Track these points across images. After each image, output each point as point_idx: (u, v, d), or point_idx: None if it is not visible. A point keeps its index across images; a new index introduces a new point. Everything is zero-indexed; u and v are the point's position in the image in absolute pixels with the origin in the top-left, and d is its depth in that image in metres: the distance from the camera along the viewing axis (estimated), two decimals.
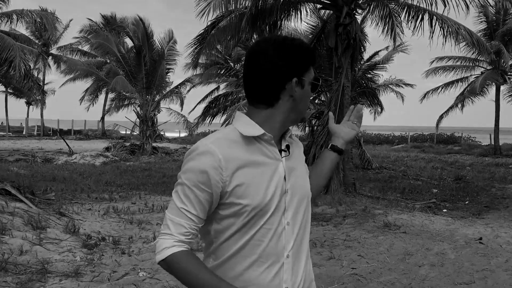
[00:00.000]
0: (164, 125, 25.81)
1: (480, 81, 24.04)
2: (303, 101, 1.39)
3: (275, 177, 1.33)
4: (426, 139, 38.02)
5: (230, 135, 1.33)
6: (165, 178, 12.78)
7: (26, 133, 39.58)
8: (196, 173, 1.27)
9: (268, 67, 1.32)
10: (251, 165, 1.30)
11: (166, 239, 1.29)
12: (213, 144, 1.29)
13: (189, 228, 1.29)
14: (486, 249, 6.22)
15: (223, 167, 1.26)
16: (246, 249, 1.31)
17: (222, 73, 25.23)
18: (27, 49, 19.41)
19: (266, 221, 1.31)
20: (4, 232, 5.61)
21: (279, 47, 1.33)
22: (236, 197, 1.28)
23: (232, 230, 1.31)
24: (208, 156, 1.27)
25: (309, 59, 1.38)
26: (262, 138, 1.33)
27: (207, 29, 12.04)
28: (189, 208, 1.29)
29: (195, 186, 1.27)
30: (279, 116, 1.36)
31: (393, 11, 11.66)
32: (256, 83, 1.35)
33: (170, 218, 1.30)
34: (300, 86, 1.35)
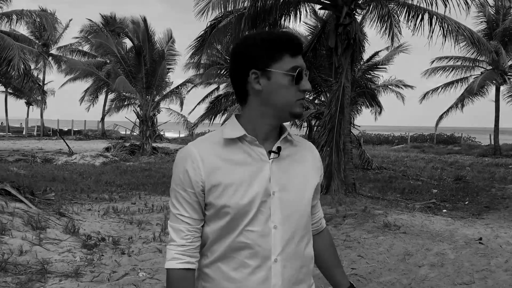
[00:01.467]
0: (164, 125, 25.82)
1: (479, 81, 24.06)
2: (274, 94, 1.30)
3: (258, 178, 1.31)
4: (426, 139, 38.03)
5: (214, 137, 1.36)
6: (165, 178, 12.77)
7: (26, 133, 39.58)
8: (179, 175, 1.32)
9: (232, 64, 1.34)
10: (229, 166, 1.30)
11: (170, 249, 1.34)
12: (193, 146, 1.33)
13: (187, 231, 1.32)
14: (486, 249, 6.22)
15: (201, 167, 1.29)
16: (231, 250, 1.31)
17: (222, 73, 25.23)
18: (27, 49, 19.40)
19: (248, 222, 1.29)
20: (4, 232, 5.61)
21: (246, 42, 1.33)
22: (214, 197, 1.29)
23: (217, 231, 1.32)
24: (187, 158, 1.31)
25: (280, 48, 1.29)
26: (245, 139, 1.33)
27: (207, 30, 12.05)
28: (181, 211, 1.33)
29: (181, 189, 1.32)
30: (254, 112, 1.34)
31: (392, 11, 11.67)
32: (232, 82, 1.37)
33: (171, 226, 1.35)
34: (266, 77, 1.29)
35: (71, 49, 36.76)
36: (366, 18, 13.77)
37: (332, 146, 10.44)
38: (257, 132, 1.34)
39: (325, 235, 1.63)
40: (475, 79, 25.51)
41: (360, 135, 32.51)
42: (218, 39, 12.40)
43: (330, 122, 10.59)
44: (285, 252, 1.34)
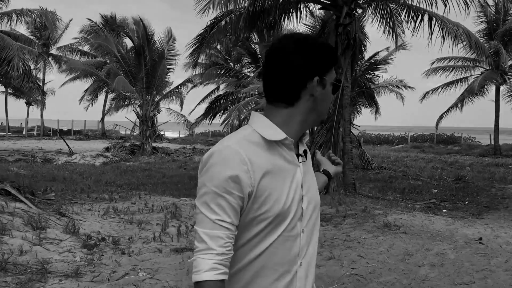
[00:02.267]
0: (164, 125, 25.82)
1: (479, 81, 24.06)
2: (324, 102, 1.33)
3: (293, 183, 1.29)
4: (426, 139, 38.04)
5: (251, 137, 1.27)
6: (165, 178, 12.78)
7: (26, 133, 39.58)
8: (226, 178, 1.20)
9: (290, 64, 1.28)
10: (274, 171, 1.26)
11: (205, 258, 1.20)
12: (238, 146, 1.23)
13: (227, 238, 1.22)
14: (486, 249, 6.22)
15: (251, 170, 1.21)
16: (262, 256, 1.26)
17: (222, 73, 25.26)
18: (27, 49, 19.41)
19: (285, 228, 1.27)
20: (4, 232, 5.61)
21: (302, 45, 1.29)
22: (258, 203, 1.23)
23: (249, 237, 1.26)
24: (235, 159, 1.21)
25: (332, 59, 1.33)
26: (283, 142, 1.28)
27: (207, 29, 12.04)
28: (223, 217, 1.21)
29: (226, 193, 1.20)
30: (298, 117, 1.31)
31: (393, 11, 11.67)
32: (277, 80, 1.29)
33: (205, 233, 1.21)
34: (322, 86, 1.30)
35: (71, 49, 36.77)
36: (367, 18, 13.77)
37: (330, 146, 10.45)
38: (291, 135, 1.31)
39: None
40: (475, 79, 25.51)
41: (360, 135, 32.51)
42: (218, 39, 12.40)
43: (329, 122, 10.60)
44: (308, 255, 1.34)
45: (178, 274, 4.87)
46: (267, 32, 12.48)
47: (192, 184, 11.89)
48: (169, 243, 6.13)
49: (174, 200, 9.31)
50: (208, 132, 43.88)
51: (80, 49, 36.32)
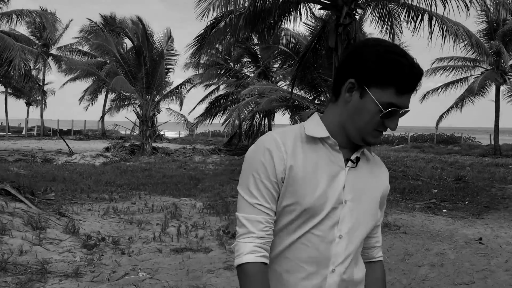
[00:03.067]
0: (164, 125, 25.81)
1: (480, 81, 24.04)
2: (358, 114, 1.23)
3: (333, 183, 1.26)
4: (426, 139, 38.05)
5: (295, 130, 1.30)
6: (165, 178, 12.77)
7: (25, 133, 39.57)
8: (262, 161, 1.23)
9: (344, 58, 1.28)
10: (310, 164, 1.25)
11: (246, 242, 1.22)
12: (278, 135, 1.27)
13: (266, 223, 1.23)
14: (486, 249, 6.22)
15: (284, 159, 1.23)
16: (290, 250, 1.26)
17: (222, 73, 25.27)
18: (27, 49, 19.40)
19: (315, 226, 1.24)
20: (4, 232, 5.61)
21: (369, 46, 1.23)
22: (289, 192, 1.24)
23: (280, 225, 1.27)
24: (272, 145, 1.24)
25: (391, 77, 1.18)
26: (326, 141, 1.28)
27: (207, 30, 12.05)
28: (262, 201, 1.23)
29: (265, 177, 1.23)
30: (338, 118, 1.28)
31: (392, 11, 11.67)
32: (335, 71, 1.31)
33: (246, 217, 1.24)
34: (359, 94, 1.22)
35: (71, 49, 36.78)
36: (366, 18, 13.78)
37: None
38: (337, 137, 1.28)
39: (378, 268, 1.49)
40: (476, 79, 25.50)
41: None
42: (218, 39, 12.39)
43: None
44: (345, 264, 1.29)
45: (178, 274, 4.87)
46: (267, 32, 12.47)
47: (192, 184, 11.89)
48: (169, 243, 6.13)
49: (174, 200, 9.31)
50: (208, 132, 43.90)
51: (80, 49, 36.33)
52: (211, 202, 9.17)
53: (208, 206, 8.72)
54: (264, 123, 24.74)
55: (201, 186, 11.74)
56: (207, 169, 16.25)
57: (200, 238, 6.40)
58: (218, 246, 6.01)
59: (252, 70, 25.36)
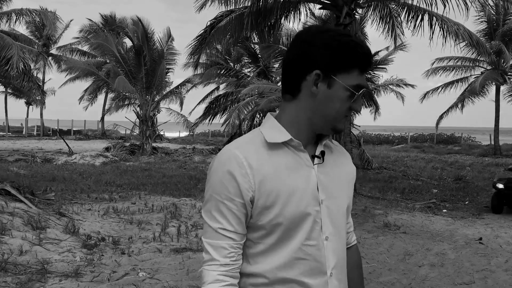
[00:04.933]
0: (164, 125, 25.81)
1: (480, 81, 24.04)
2: (328, 105, 1.19)
3: (308, 186, 1.19)
4: (426, 139, 38.06)
5: (255, 139, 1.21)
6: (165, 178, 12.78)
7: (25, 133, 39.57)
8: (223, 183, 1.15)
9: (295, 51, 1.20)
10: (279, 173, 1.17)
11: (209, 270, 1.16)
12: (237, 150, 1.17)
13: (230, 248, 1.16)
14: (486, 249, 6.22)
15: (250, 174, 1.14)
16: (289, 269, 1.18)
17: (222, 73, 25.25)
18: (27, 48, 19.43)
19: (306, 235, 1.18)
20: (4, 232, 5.61)
21: (318, 35, 1.18)
22: (266, 208, 1.15)
23: (268, 248, 1.18)
24: (233, 163, 1.15)
25: (353, 59, 1.17)
26: (289, 143, 1.20)
27: (207, 29, 12.04)
28: (225, 225, 1.15)
29: (226, 199, 1.15)
30: (302, 114, 1.21)
31: (393, 11, 11.66)
32: (284, 68, 1.23)
33: (208, 243, 1.17)
34: (326, 84, 1.17)
35: (71, 49, 36.77)
36: (367, 18, 13.77)
37: None
38: (300, 136, 1.22)
39: (354, 253, 1.48)
40: (476, 79, 25.51)
41: (360, 135, 32.51)
42: (218, 39, 12.39)
43: None
44: (338, 264, 1.25)
45: (178, 274, 4.87)
46: (267, 32, 12.47)
47: (192, 184, 11.89)
48: (169, 243, 6.13)
49: (174, 200, 9.31)
50: (208, 132, 43.90)
51: (80, 49, 36.32)
52: None
53: None
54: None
55: (201, 186, 11.74)
56: (207, 169, 16.24)
57: (200, 238, 6.40)
58: None
59: (252, 70, 25.37)
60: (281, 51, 19.59)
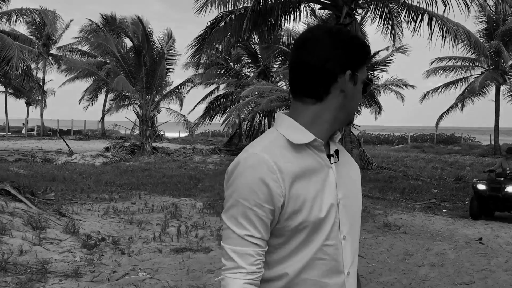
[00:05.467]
0: (164, 125, 25.82)
1: (480, 81, 24.05)
2: (354, 100, 1.23)
3: (327, 187, 1.19)
4: (426, 139, 38.04)
5: (277, 141, 1.18)
6: (165, 178, 12.77)
7: (25, 133, 39.57)
8: (254, 189, 1.11)
9: (322, 55, 1.18)
10: (305, 176, 1.16)
11: (234, 278, 1.11)
12: (265, 154, 1.13)
13: (257, 255, 1.12)
14: (486, 249, 6.22)
15: (280, 179, 1.12)
16: (308, 270, 1.17)
17: (222, 73, 25.27)
18: (27, 49, 19.42)
19: (325, 237, 1.17)
20: (4, 232, 5.61)
21: (336, 36, 1.21)
22: (292, 213, 1.14)
23: (287, 251, 1.17)
24: (263, 167, 1.11)
25: (365, 55, 1.24)
26: (312, 144, 1.19)
27: (207, 30, 12.04)
28: (253, 232, 1.12)
29: (255, 205, 1.11)
30: (328, 114, 1.21)
31: (393, 11, 11.67)
32: (307, 72, 1.20)
33: (233, 250, 1.12)
34: (353, 82, 1.21)
35: (71, 49, 36.78)
36: (366, 18, 13.78)
37: None
38: (321, 135, 1.21)
39: None
40: (476, 79, 25.52)
41: (360, 135, 32.50)
42: (218, 39, 12.39)
43: None
44: (354, 263, 1.25)
45: (178, 274, 4.87)
46: (267, 32, 12.47)
47: (192, 184, 11.89)
48: (169, 243, 6.13)
49: (174, 200, 9.31)
50: (208, 132, 43.89)
51: (80, 49, 36.32)
52: (211, 202, 9.16)
53: (208, 206, 8.72)
54: (264, 123, 24.75)
55: (201, 186, 11.74)
56: (207, 169, 16.25)
57: (200, 238, 6.40)
58: (218, 246, 6.00)
59: (252, 70, 25.37)
60: (281, 51, 19.60)
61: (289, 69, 1.25)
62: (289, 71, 1.26)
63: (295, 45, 1.25)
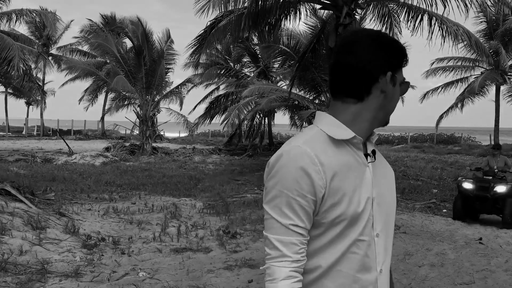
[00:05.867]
0: (164, 125, 25.81)
1: (480, 81, 24.03)
2: (393, 101, 1.29)
3: (364, 184, 1.23)
4: (426, 139, 38.00)
5: (318, 137, 1.23)
6: (165, 178, 12.77)
7: (25, 133, 39.57)
8: (297, 180, 1.15)
9: (364, 57, 1.23)
10: (345, 171, 1.20)
11: (280, 266, 1.15)
12: (306, 146, 1.18)
13: (301, 244, 1.16)
14: (486, 249, 6.22)
15: (322, 171, 1.16)
16: (342, 262, 1.20)
17: (222, 73, 25.25)
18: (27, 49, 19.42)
19: (360, 232, 1.21)
20: (4, 232, 5.61)
21: (377, 39, 1.27)
22: (331, 206, 1.17)
23: (323, 242, 1.20)
24: (306, 159, 1.16)
25: (403, 58, 1.29)
26: (351, 141, 1.23)
27: (207, 30, 12.04)
28: (297, 221, 1.15)
29: (299, 195, 1.15)
30: (368, 114, 1.26)
31: (392, 11, 11.67)
32: (349, 73, 1.24)
33: (278, 239, 1.16)
34: (393, 83, 1.26)
35: (71, 49, 36.78)
36: (366, 18, 13.77)
37: None
38: (360, 134, 1.25)
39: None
40: (476, 79, 25.49)
41: None
42: (217, 39, 12.39)
43: None
44: (386, 261, 1.28)
45: (178, 274, 4.87)
46: (267, 31, 12.47)
47: (192, 184, 11.89)
48: (169, 243, 6.13)
49: (174, 200, 9.32)
50: (208, 132, 43.89)
51: (80, 49, 36.33)
52: (211, 202, 9.17)
53: (208, 206, 8.72)
54: (264, 123, 24.74)
55: (201, 186, 11.74)
56: (207, 169, 16.25)
57: (200, 238, 6.40)
58: (218, 246, 6.01)
59: (252, 70, 25.36)
60: (281, 51, 19.59)
61: (330, 70, 1.30)
62: (330, 72, 1.30)
63: (335, 48, 1.30)
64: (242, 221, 7.46)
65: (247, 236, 6.55)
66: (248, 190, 11.31)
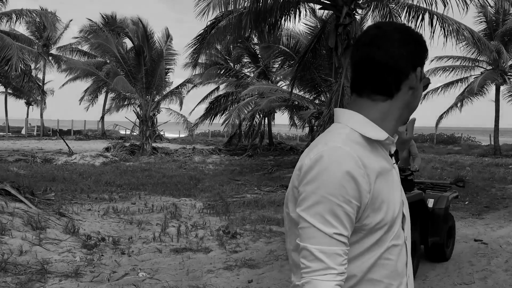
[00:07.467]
0: (164, 125, 25.81)
1: (479, 81, 24.04)
2: (417, 97, 1.22)
3: (395, 187, 1.17)
4: (426, 139, 38.01)
5: (352, 136, 1.14)
6: (165, 178, 12.77)
7: (25, 133, 39.57)
8: (343, 185, 1.05)
9: (394, 52, 1.15)
10: (383, 174, 1.13)
11: (325, 280, 1.03)
12: (348, 148, 1.09)
13: (344, 255, 1.06)
14: (486, 249, 6.22)
15: (366, 175, 1.08)
16: (374, 270, 1.12)
17: (222, 73, 25.25)
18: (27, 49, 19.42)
19: (393, 237, 1.14)
20: (4, 233, 5.61)
21: (405, 33, 1.19)
22: (374, 210, 1.10)
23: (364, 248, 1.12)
24: (350, 162, 1.06)
25: (427, 52, 1.23)
26: (382, 142, 1.16)
27: (207, 29, 12.04)
28: (341, 230, 1.05)
29: (344, 201, 1.05)
30: (396, 112, 1.19)
31: (393, 11, 11.67)
32: (378, 69, 1.16)
33: (320, 250, 1.04)
34: (419, 78, 1.20)
35: (71, 49, 36.77)
36: (367, 18, 13.78)
37: None
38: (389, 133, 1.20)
39: None
40: (475, 79, 25.49)
41: None
42: (217, 39, 12.39)
43: (329, 122, 10.59)
44: (410, 266, 1.23)
45: (178, 274, 4.87)
46: (267, 32, 12.47)
47: (192, 184, 11.88)
48: (169, 243, 6.13)
49: (174, 200, 9.31)
50: (208, 132, 43.88)
51: (80, 49, 36.32)
52: (211, 202, 9.16)
53: (208, 206, 8.72)
54: (264, 123, 24.74)
55: (201, 186, 11.74)
56: (207, 169, 16.25)
57: (200, 238, 6.40)
58: (218, 246, 6.01)
59: (252, 70, 25.36)
60: (281, 51, 19.60)
61: (354, 66, 1.21)
62: (353, 68, 1.22)
63: (360, 42, 1.21)
64: (242, 221, 7.46)
65: (247, 236, 6.55)
66: (248, 190, 11.31)
